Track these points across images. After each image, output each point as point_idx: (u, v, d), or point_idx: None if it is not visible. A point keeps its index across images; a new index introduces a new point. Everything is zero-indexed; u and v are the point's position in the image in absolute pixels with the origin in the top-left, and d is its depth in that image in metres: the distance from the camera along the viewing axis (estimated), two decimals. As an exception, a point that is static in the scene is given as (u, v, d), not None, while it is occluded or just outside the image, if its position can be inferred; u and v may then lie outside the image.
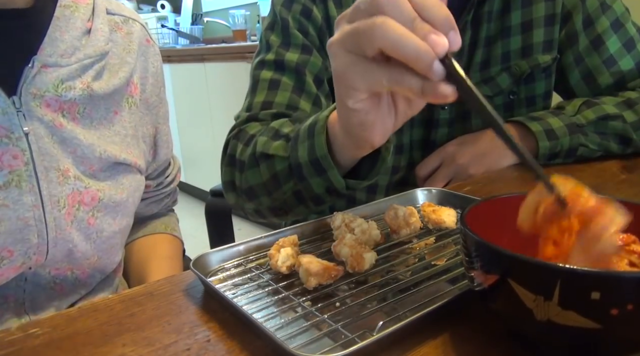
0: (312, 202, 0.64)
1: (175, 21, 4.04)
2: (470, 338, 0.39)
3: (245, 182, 0.70)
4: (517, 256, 0.32)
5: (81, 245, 0.66)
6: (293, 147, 0.62)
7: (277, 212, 0.71)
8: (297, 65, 0.79)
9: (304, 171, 0.60)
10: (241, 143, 0.73)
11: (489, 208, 0.41)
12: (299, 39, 0.81)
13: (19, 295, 0.64)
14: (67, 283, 0.68)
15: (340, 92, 0.46)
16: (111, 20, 0.72)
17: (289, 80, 0.79)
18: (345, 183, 0.59)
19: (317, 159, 0.58)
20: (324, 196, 0.62)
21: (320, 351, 0.36)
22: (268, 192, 0.67)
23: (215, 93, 3.07)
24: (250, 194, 0.71)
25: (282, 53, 0.80)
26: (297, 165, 0.61)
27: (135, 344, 0.40)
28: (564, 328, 0.30)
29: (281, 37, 0.82)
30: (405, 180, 0.89)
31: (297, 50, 0.81)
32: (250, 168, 0.69)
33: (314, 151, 0.59)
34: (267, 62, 0.81)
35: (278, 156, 0.64)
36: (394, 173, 0.87)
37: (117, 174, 0.69)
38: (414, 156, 0.87)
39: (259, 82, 0.81)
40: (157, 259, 0.82)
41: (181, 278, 0.51)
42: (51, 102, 0.62)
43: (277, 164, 0.64)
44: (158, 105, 0.80)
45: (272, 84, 0.79)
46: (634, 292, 0.29)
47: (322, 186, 0.60)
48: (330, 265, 0.46)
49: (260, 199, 0.70)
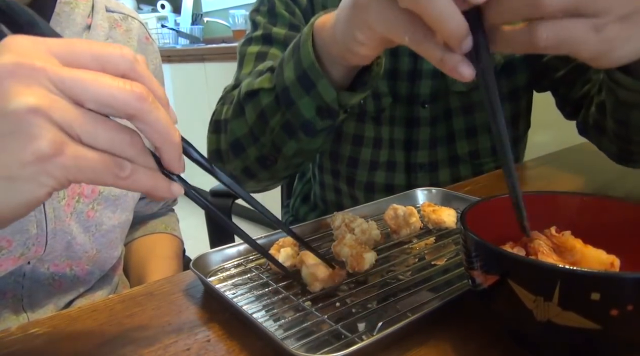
0: (302, 131, 0.60)
1: (175, 21, 4.04)
2: (470, 338, 0.39)
3: (231, 135, 0.67)
4: (517, 256, 0.32)
5: (80, 237, 0.66)
6: (278, 73, 0.59)
7: (266, 163, 0.67)
8: (285, 37, 0.77)
9: (292, 93, 0.57)
10: (226, 105, 0.70)
11: (489, 208, 0.41)
12: (286, 17, 0.80)
13: (17, 291, 0.64)
14: (66, 280, 0.68)
15: (353, 22, 0.43)
16: (110, 18, 0.72)
17: (277, 51, 0.77)
18: (337, 97, 0.56)
19: (304, 72, 0.55)
20: (315, 120, 0.59)
21: (320, 351, 0.36)
22: (254, 137, 0.64)
23: (215, 93, 3.04)
24: (236, 148, 0.67)
25: (269, 28, 0.79)
26: (284, 90, 0.58)
27: (135, 344, 0.40)
28: (564, 329, 0.30)
29: (267, 17, 0.81)
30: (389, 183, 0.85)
31: (284, 27, 0.79)
32: (234, 119, 0.66)
33: (300, 64, 0.55)
34: (255, 37, 0.80)
35: (263, 89, 0.61)
36: (372, 170, 0.84)
37: None
38: (395, 155, 0.84)
39: (245, 56, 0.79)
40: (157, 259, 0.82)
41: (181, 278, 0.51)
42: None
43: (263, 98, 0.61)
44: None
45: (259, 56, 0.77)
46: (634, 293, 0.29)
47: (312, 107, 0.57)
48: (335, 270, 0.45)
49: (246, 152, 0.67)
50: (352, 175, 0.85)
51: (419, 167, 0.84)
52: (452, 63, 0.37)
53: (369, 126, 0.81)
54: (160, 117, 0.33)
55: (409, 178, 0.84)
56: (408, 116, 0.82)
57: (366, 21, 0.41)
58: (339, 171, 0.86)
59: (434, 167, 0.85)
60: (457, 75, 0.37)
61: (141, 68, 0.34)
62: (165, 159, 0.36)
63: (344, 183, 0.87)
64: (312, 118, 0.58)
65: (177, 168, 0.37)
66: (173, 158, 0.36)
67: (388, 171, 0.85)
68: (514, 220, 0.41)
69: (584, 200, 0.42)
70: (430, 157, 0.84)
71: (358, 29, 0.43)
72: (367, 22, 0.41)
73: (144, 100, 0.32)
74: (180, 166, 0.37)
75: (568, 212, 0.42)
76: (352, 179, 0.85)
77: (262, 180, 0.72)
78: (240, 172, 0.70)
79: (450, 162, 0.85)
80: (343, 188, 0.88)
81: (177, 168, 0.37)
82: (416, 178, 0.84)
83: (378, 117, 0.81)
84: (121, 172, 0.33)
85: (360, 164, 0.84)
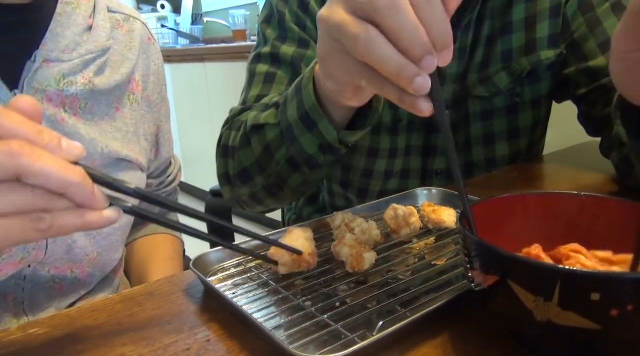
0: (306, 166, 0.62)
1: (175, 21, 4.04)
2: (470, 338, 0.39)
3: (238, 164, 0.69)
4: (517, 257, 0.32)
5: (80, 241, 0.66)
6: (282, 111, 0.61)
7: (273, 190, 0.68)
8: (293, 58, 0.78)
9: (295, 130, 0.59)
10: (234, 131, 0.71)
11: (489, 208, 0.41)
12: (296, 32, 0.79)
13: (18, 294, 0.64)
14: (67, 283, 0.68)
15: (323, 73, 0.47)
16: (112, 18, 0.72)
17: (284, 74, 0.78)
18: (338, 135, 0.57)
19: (307, 112, 0.57)
20: (318, 156, 0.60)
21: (320, 351, 0.36)
22: (261, 168, 0.66)
23: (215, 93, 3.07)
24: (243, 177, 0.69)
25: (277, 46, 0.79)
26: (288, 127, 0.60)
27: (135, 344, 0.40)
28: (564, 329, 0.30)
29: (278, 31, 0.80)
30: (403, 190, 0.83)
31: (293, 43, 0.79)
32: (242, 149, 0.68)
33: (302, 105, 0.57)
34: (263, 55, 0.80)
35: (269, 124, 0.63)
36: (386, 179, 0.83)
37: (119, 171, 0.69)
38: (410, 162, 0.83)
39: (254, 76, 0.79)
40: (158, 259, 0.82)
41: (181, 278, 0.51)
42: (53, 96, 0.62)
43: (269, 133, 0.63)
44: (160, 104, 0.80)
45: (267, 78, 0.78)
46: (634, 293, 0.29)
47: (315, 144, 0.59)
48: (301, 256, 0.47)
49: (254, 180, 0.68)
50: (366, 185, 0.84)
51: (435, 173, 0.83)
52: (410, 100, 0.39)
53: (385, 138, 0.80)
54: (45, 165, 0.31)
55: (424, 185, 0.83)
56: (427, 121, 0.80)
57: (330, 72, 0.45)
58: (350, 182, 0.85)
59: (451, 174, 0.83)
60: (417, 111, 0.39)
61: (9, 121, 0.32)
62: (77, 201, 0.34)
63: (353, 194, 0.86)
64: (314, 155, 0.60)
65: (95, 206, 0.35)
66: (84, 198, 0.34)
67: (402, 178, 0.84)
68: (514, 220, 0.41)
69: (584, 200, 0.42)
70: (448, 164, 0.83)
71: (327, 79, 0.47)
72: (330, 72, 0.45)
73: (19, 156, 0.31)
74: (96, 201, 0.35)
75: (568, 212, 0.42)
76: (365, 190, 0.85)
77: (269, 205, 0.74)
78: (249, 197, 0.72)
79: (467, 169, 0.84)
80: (352, 198, 0.87)
81: (94, 205, 0.35)
82: (431, 185, 0.82)
83: (395, 127, 0.80)
84: (41, 225, 0.32)
85: (375, 175, 0.83)
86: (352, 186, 0.86)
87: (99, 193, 0.35)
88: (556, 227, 0.42)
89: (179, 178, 0.92)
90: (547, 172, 0.83)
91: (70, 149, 0.34)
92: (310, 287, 0.46)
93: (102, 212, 0.35)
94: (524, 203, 0.43)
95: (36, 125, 0.33)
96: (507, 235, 0.41)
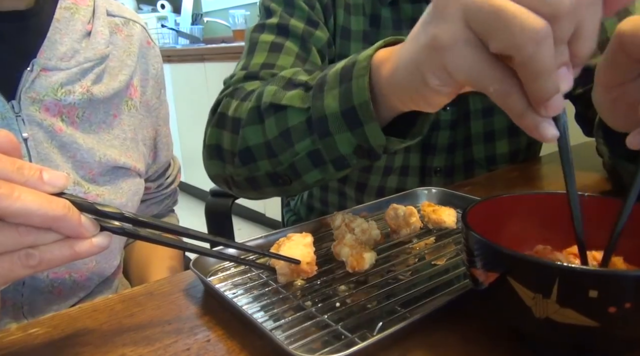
0: (333, 165, 0.54)
1: (175, 21, 4.04)
2: (470, 338, 0.39)
3: (242, 141, 0.59)
4: (516, 254, 0.32)
5: None
6: (316, 96, 0.51)
7: (278, 181, 0.60)
8: (303, 32, 0.72)
9: (330, 125, 0.50)
10: (236, 100, 0.63)
11: (489, 208, 0.41)
12: (305, 10, 0.74)
13: (17, 299, 0.63)
14: (66, 287, 0.68)
15: (427, 65, 0.36)
16: (111, 22, 0.71)
17: (293, 45, 0.71)
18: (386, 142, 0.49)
19: (353, 108, 0.48)
20: (350, 158, 0.52)
21: (320, 351, 0.36)
22: (271, 153, 0.57)
23: (215, 93, 3.03)
24: (245, 157, 0.60)
25: (286, 17, 0.73)
26: (321, 118, 0.51)
27: (135, 344, 0.40)
28: (562, 326, 0.31)
29: (283, 5, 0.75)
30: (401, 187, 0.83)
31: (302, 20, 0.74)
32: (250, 125, 0.58)
33: (349, 98, 0.48)
34: (268, 25, 0.73)
35: (293, 107, 0.54)
36: (385, 175, 0.82)
37: (117, 178, 0.69)
38: (409, 158, 0.82)
39: (257, 43, 0.72)
40: (158, 260, 0.82)
41: (181, 278, 0.51)
42: (50, 106, 0.61)
43: (291, 117, 0.54)
44: (158, 108, 0.80)
45: (273, 47, 0.71)
46: (632, 291, 0.29)
47: (351, 144, 0.50)
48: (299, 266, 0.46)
49: (257, 163, 0.59)
50: (365, 180, 0.83)
51: (434, 171, 0.83)
52: (534, 120, 0.32)
53: None
54: (24, 203, 0.31)
55: (423, 183, 0.83)
56: None
57: (445, 66, 0.34)
58: (349, 176, 0.84)
59: (450, 172, 0.84)
60: (538, 133, 0.33)
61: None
62: (64, 234, 0.34)
63: (351, 189, 0.85)
64: (347, 155, 0.52)
65: (83, 235, 0.34)
66: (71, 230, 0.33)
67: (401, 175, 0.83)
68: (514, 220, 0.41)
69: (584, 200, 0.42)
70: (447, 161, 0.83)
71: (433, 74, 0.36)
72: (447, 67, 0.34)
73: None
74: (85, 230, 0.34)
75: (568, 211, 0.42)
76: (363, 185, 0.84)
77: (267, 193, 0.65)
78: (244, 180, 0.63)
79: (466, 167, 0.83)
80: (350, 193, 0.86)
81: (83, 235, 0.34)
82: (430, 183, 0.82)
83: None
84: (31, 261, 0.32)
85: (374, 169, 0.82)
86: (350, 180, 0.85)
87: (87, 222, 0.34)
88: (556, 227, 0.42)
89: (178, 180, 0.92)
90: (547, 172, 0.83)
91: (52, 181, 0.33)
92: (310, 287, 0.46)
93: (91, 240, 0.34)
94: (524, 203, 0.43)
95: (15, 160, 0.32)
96: (507, 234, 0.41)
